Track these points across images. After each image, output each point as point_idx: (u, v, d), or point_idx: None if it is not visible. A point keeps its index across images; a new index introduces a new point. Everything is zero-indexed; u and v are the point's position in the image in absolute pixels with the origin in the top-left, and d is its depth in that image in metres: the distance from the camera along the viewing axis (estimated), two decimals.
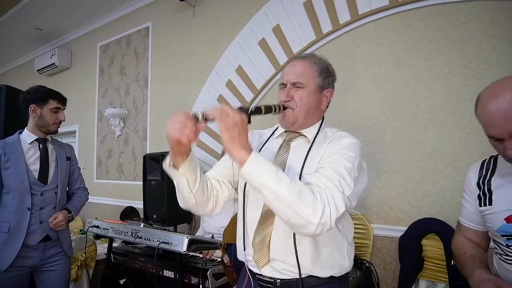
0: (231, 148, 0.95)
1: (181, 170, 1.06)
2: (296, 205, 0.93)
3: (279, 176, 0.95)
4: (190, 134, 0.95)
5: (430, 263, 2.05)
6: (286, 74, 1.22)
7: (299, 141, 1.22)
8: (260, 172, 0.95)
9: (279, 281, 1.14)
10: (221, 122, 0.94)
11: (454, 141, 2.07)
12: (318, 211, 0.94)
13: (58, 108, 2.06)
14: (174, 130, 0.95)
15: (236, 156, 0.96)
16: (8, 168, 1.93)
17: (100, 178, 4.45)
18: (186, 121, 0.94)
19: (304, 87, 1.18)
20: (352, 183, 1.04)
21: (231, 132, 0.94)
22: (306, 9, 2.69)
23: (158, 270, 2.13)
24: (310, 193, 0.96)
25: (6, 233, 1.89)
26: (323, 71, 1.21)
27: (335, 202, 0.97)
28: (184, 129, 0.94)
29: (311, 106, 1.19)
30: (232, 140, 0.94)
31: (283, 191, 0.93)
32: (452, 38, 2.11)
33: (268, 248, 1.13)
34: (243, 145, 0.95)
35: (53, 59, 5.00)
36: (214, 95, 3.26)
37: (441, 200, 2.11)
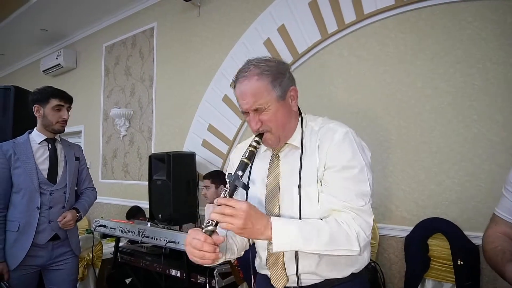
0: (255, 238, 1.00)
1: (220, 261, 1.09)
2: (335, 250, 0.99)
3: (305, 234, 0.97)
4: (212, 256, 0.97)
5: (437, 263, 2.05)
6: (242, 103, 1.10)
7: (288, 150, 1.17)
8: (287, 243, 0.97)
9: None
10: (232, 227, 0.94)
11: (460, 141, 2.07)
12: (354, 242, 0.99)
13: (61, 106, 2.04)
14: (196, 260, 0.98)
15: (262, 238, 0.99)
16: (18, 168, 1.95)
17: (106, 178, 4.48)
18: (202, 248, 0.96)
19: (266, 109, 1.08)
20: (367, 186, 1.06)
21: (246, 229, 0.94)
22: (311, 9, 2.69)
23: (164, 269, 2.14)
24: (339, 230, 1.00)
25: (15, 232, 1.91)
26: (275, 77, 1.08)
27: (363, 219, 1.02)
28: (204, 255, 0.96)
29: (284, 119, 1.11)
30: (252, 232, 0.96)
31: (315, 247, 0.98)
32: (458, 38, 2.11)
33: (283, 268, 1.14)
34: (261, 229, 0.96)
35: (58, 59, 5.04)
36: (219, 95, 3.27)
37: (447, 200, 2.11)
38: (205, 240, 0.95)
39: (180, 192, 2.90)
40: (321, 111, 2.57)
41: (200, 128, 3.42)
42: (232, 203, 0.94)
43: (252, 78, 1.07)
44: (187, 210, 2.97)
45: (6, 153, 1.95)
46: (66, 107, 2.08)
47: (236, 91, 1.12)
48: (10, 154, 1.95)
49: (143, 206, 3.64)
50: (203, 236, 0.96)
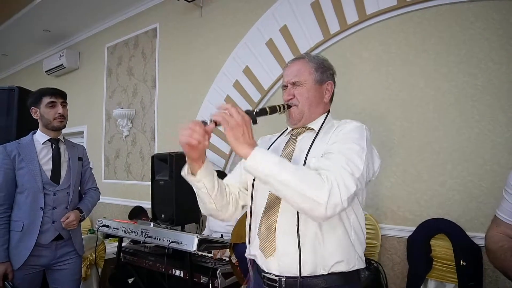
0: (237, 147, 1.00)
1: (198, 176, 1.12)
2: (302, 189, 0.96)
3: (283, 164, 0.99)
4: (200, 137, 1.01)
5: (439, 263, 2.05)
6: (285, 75, 1.29)
7: (306, 134, 1.27)
8: (263, 163, 0.99)
9: (285, 280, 1.12)
10: (225, 123, 0.99)
11: (463, 141, 2.07)
12: (324, 192, 0.96)
13: (53, 102, 2.04)
14: (184, 136, 1.02)
15: (241, 152, 1.01)
16: (22, 168, 1.96)
17: (108, 178, 4.50)
18: (194, 126, 1.01)
19: (302, 84, 1.24)
20: (361, 164, 1.06)
21: (234, 131, 0.99)
22: (314, 10, 2.70)
23: (167, 269, 2.15)
24: (316, 176, 0.99)
25: (19, 232, 1.92)
26: (319, 66, 1.27)
27: (344, 181, 0.99)
28: (193, 133, 1.00)
29: (313, 99, 1.25)
30: (237, 139, 1.00)
31: (287, 177, 0.97)
32: (461, 38, 2.11)
33: (274, 235, 1.14)
34: (247, 142, 1.00)
35: (61, 60, 5.05)
36: (221, 95, 3.28)
37: (450, 200, 2.11)
38: (198, 123, 1.02)
39: (182, 192, 2.89)
40: None
41: None
42: (239, 110, 1.01)
43: (300, 60, 1.29)
44: (189, 210, 2.97)
45: (11, 153, 1.97)
46: (60, 102, 2.07)
47: (285, 70, 1.31)
48: (15, 155, 1.97)
49: (145, 206, 3.65)
50: (197, 121, 1.02)
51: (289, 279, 1.12)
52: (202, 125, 1.01)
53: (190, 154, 1.08)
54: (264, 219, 1.18)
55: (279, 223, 1.14)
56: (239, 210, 1.29)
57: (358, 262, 1.15)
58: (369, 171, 1.12)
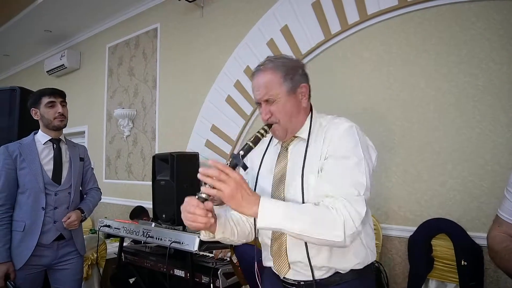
0: (242, 211, 1.00)
1: (218, 236, 1.16)
2: (317, 234, 0.99)
3: (291, 215, 1.00)
4: (204, 219, 1.02)
5: (440, 263, 2.05)
6: (255, 91, 1.20)
7: (296, 143, 1.24)
8: (271, 220, 0.99)
9: (303, 283, 1.17)
10: (221, 194, 0.97)
11: (464, 141, 2.07)
12: (339, 228, 0.99)
13: (53, 102, 2.05)
14: (190, 223, 1.03)
15: (248, 214, 1.01)
16: (23, 168, 1.97)
17: (109, 178, 4.50)
18: (194, 210, 1.00)
19: (276, 99, 1.16)
20: (364, 178, 1.06)
21: (234, 198, 0.97)
22: (315, 10, 2.70)
23: (169, 269, 2.15)
24: (326, 214, 1.00)
25: (21, 232, 1.93)
26: (287, 73, 1.17)
27: (354, 208, 1.01)
28: (196, 218, 1.01)
29: (292, 111, 1.18)
30: (239, 205, 0.98)
31: (300, 228, 0.99)
32: (462, 38, 2.11)
33: (286, 255, 1.18)
34: (249, 202, 0.99)
35: (62, 60, 5.06)
36: (222, 95, 3.28)
37: (450, 200, 2.11)
38: (197, 205, 1.00)
39: (183, 192, 2.89)
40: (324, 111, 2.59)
41: (203, 129, 3.43)
42: (227, 171, 0.97)
43: (266, 71, 1.18)
44: None
45: (12, 154, 1.97)
46: (59, 102, 2.08)
47: (252, 83, 1.22)
48: (16, 155, 1.97)
49: (146, 206, 3.65)
50: (195, 201, 1.01)
51: (307, 282, 1.17)
52: (201, 205, 1.00)
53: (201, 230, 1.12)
54: (273, 238, 1.22)
55: (289, 241, 1.18)
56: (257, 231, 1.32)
57: (371, 256, 1.21)
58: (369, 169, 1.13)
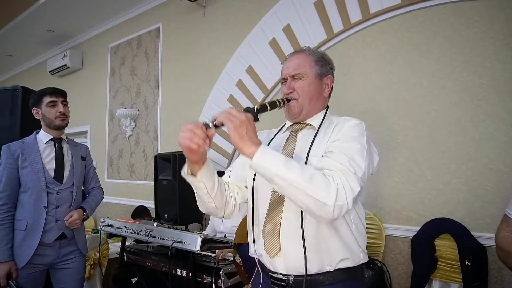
0: (242, 146, 1.00)
1: (199, 176, 1.11)
2: (309, 189, 0.96)
3: (289, 164, 0.99)
4: (200, 141, 0.99)
5: (444, 264, 2.03)
6: (285, 68, 1.27)
7: (306, 131, 1.26)
8: (270, 162, 0.99)
9: (292, 279, 1.13)
10: (228, 123, 0.98)
11: (468, 140, 2.06)
12: (332, 193, 0.97)
13: (54, 101, 2.06)
14: (184, 138, 0.99)
15: (246, 151, 1.00)
16: (25, 168, 1.97)
17: (112, 178, 4.51)
18: (195, 129, 0.99)
19: (303, 77, 1.22)
20: (363, 163, 1.07)
21: (238, 131, 0.98)
22: (317, 9, 2.69)
23: (171, 269, 2.15)
24: (322, 177, 1.00)
25: (23, 231, 1.93)
26: (319, 60, 1.25)
27: (348, 183, 1.00)
28: (194, 136, 0.98)
29: (313, 94, 1.23)
30: (241, 138, 0.99)
31: (294, 177, 0.97)
32: (465, 37, 2.09)
33: (278, 235, 1.14)
34: (252, 141, 1.00)
35: (65, 60, 5.08)
36: (224, 95, 3.28)
37: (454, 200, 2.09)
38: (200, 126, 1.00)
39: (185, 192, 2.89)
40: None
41: None
42: (238, 111, 1.01)
43: (300, 53, 1.28)
44: (192, 210, 2.96)
45: (14, 153, 1.97)
46: (61, 101, 2.09)
47: (284, 64, 1.29)
48: (18, 154, 1.97)
49: (148, 205, 3.66)
50: (199, 124, 1.00)
51: (297, 278, 1.12)
52: (203, 128, 0.99)
53: (190, 157, 1.06)
54: (268, 219, 1.18)
55: (283, 223, 1.14)
56: (237, 208, 1.28)
57: (363, 257, 1.18)
58: (369, 168, 1.12)
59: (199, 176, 1.10)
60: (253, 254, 1.26)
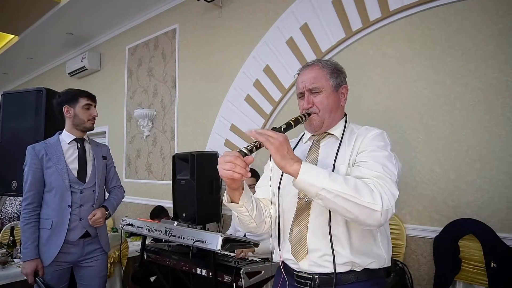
0: (284, 165, 1.01)
1: (240, 202, 1.16)
2: (356, 198, 0.98)
3: (333, 176, 1.01)
4: (242, 170, 1.01)
5: (468, 265, 1.99)
6: (300, 82, 1.28)
7: (328, 140, 1.29)
8: (314, 177, 1.00)
9: (318, 277, 1.16)
10: (269, 145, 1.00)
11: (493, 139, 2.00)
12: (377, 199, 0.99)
13: (89, 105, 2.13)
14: (226, 172, 1.02)
15: (289, 170, 1.01)
16: (49, 168, 2.01)
17: (130, 178, 4.57)
18: (235, 160, 1.00)
19: (321, 91, 1.24)
20: (394, 169, 1.11)
21: (280, 151, 1.01)
22: (335, 7, 2.67)
23: (191, 268, 2.16)
24: (365, 185, 1.02)
25: (49, 230, 1.98)
26: (333, 71, 1.27)
27: (388, 188, 1.03)
28: (235, 167, 1.00)
29: (333, 106, 1.26)
30: (283, 158, 1.01)
31: (340, 188, 0.99)
32: (489, 33, 2.04)
33: (306, 239, 1.18)
34: (293, 159, 1.02)
35: (83, 62, 5.17)
36: (241, 95, 3.28)
37: (478, 200, 2.04)
38: (238, 155, 1.01)
39: (203, 191, 2.92)
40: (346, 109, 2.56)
41: (222, 128, 3.44)
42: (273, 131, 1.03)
43: (314, 67, 1.29)
44: (210, 209, 2.99)
45: (39, 153, 2.02)
46: (94, 105, 2.17)
47: (298, 78, 1.31)
48: (42, 155, 2.02)
49: (165, 205, 3.70)
50: (236, 153, 1.02)
51: (322, 276, 1.16)
52: (241, 157, 1.01)
53: (231, 185, 1.10)
54: (295, 224, 1.22)
55: (310, 227, 1.18)
56: (273, 222, 1.33)
57: (387, 261, 1.21)
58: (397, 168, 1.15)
59: (240, 201, 1.15)
60: (277, 260, 1.31)
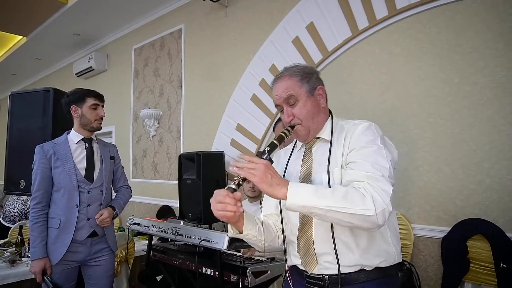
0: (273, 192, 1.03)
1: (245, 231, 1.18)
2: (347, 208, 0.99)
3: (319, 193, 1.02)
4: (234, 208, 1.04)
5: (477, 265, 1.97)
6: (276, 98, 1.28)
7: (319, 144, 1.29)
8: (302, 198, 1.02)
9: (328, 277, 1.17)
10: (252, 178, 1.02)
11: (502, 138, 1.98)
12: (369, 204, 1.00)
13: (96, 105, 2.14)
14: (218, 211, 1.05)
15: (278, 195, 1.03)
16: (58, 167, 2.03)
17: (136, 177, 4.59)
18: (224, 200, 1.03)
19: (297, 100, 1.23)
20: (386, 163, 1.10)
21: (265, 180, 1.02)
22: (341, 6, 2.65)
23: (197, 267, 2.16)
24: (354, 191, 1.02)
25: (57, 229, 2.00)
26: (303, 76, 1.26)
27: (379, 186, 1.03)
28: (226, 207, 1.03)
29: (313, 112, 1.25)
30: (269, 186, 1.02)
31: (329, 203, 1.00)
32: (498, 31, 2.02)
33: (313, 248, 1.19)
34: (279, 183, 1.03)
35: (90, 62, 5.21)
36: (247, 94, 3.28)
37: (487, 200, 2.02)
38: (227, 194, 1.03)
39: (209, 191, 2.87)
40: (353, 108, 2.56)
41: (228, 128, 3.44)
42: (255, 159, 1.05)
43: (284, 78, 1.27)
44: None
45: (47, 153, 2.04)
46: (101, 105, 2.18)
47: (273, 92, 1.29)
48: (51, 154, 2.04)
49: (171, 205, 3.71)
50: (225, 191, 1.04)
51: (332, 276, 1.17)
52: (231, 195, 1.03)
53: (230, 221, 1.13)
54: (300, 234, 1.23)
55: (315, 236, 1.19)
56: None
57: (398, 257, 1.21)
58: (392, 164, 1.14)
59: (245, 231, 1.17)
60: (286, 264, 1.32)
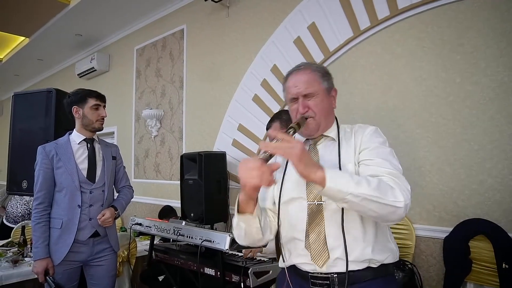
0: (308, 173, 0.99)
1: (255, 212, 1.14)
2: (381, 198, 1.01)
3: (356, 179, 1.02)
4: (271, 177, 1.00)
5: (479, 266, 1.96)
6: (293, 87, 1.25)
7: (326, 142, 1.29)
8: (340, 183, 1.00)
9: (336, 276, 1.14)
10: (290, 156, 0.98)
11: (504, 138, 1.97)
12: (399, 196, 1.03)
13: (98, 105, 2.14)
14: (253, 178, 0.99)
15: (314, 177, 1.00)
16: (60, 168, 2.04)
17: (138, 178, 4.60)
18: (261, 167, 0.98)
19: (315, 95, 1.23)
20: (399, 164, 1.14)
21: (303, 160, 0.98)
22: (343, 6, 2.65)
23: (199, 268, 2.17)
24: (385, 184, 1.04)
25: (59, 229, 2.00)
26: (324, 75, 1.28)
27: (401, 182, 1.06)
28: (263, 174, 0.99)
29: (327, 109, 1.27)
30: (306, 166, 0.99)
31: (366, 191, 1.00)
32: (500, 30, 2.01)
33: (325, 244, 1.15)
34: (314, 165, 1.01)
35: (92, 63, 5.22)
36: (249, 95, 3.29)
37: (489, 200, 2.01)
38: (263, 163, 0.99)
39: (211, 191, 2.93)
40: (354, 108, 2.56)
41: (230, 128, 3.44)
42: (290, 138, 1.00)
43: (306, 70, 1.26)
44: (218, 209, 3.00)
45: (49, 153, 2.05)
46: (103, 106, 2.18)
47: (289, 82, 1.27)
48: (53, 155, 2.05)
49: (173, 205, 3.71)
50: (259, 160, 0.99)
51: (340, 275, 1.14)
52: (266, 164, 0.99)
53: (252, 194, 1.08)
54: (309, 230, 1.18)
55: (327, 230, 1.16)
56: (273, 233, 1.30)
57: (398, 254, 1.24)
58: None
59: (255, 211, 1.14)
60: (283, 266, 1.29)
